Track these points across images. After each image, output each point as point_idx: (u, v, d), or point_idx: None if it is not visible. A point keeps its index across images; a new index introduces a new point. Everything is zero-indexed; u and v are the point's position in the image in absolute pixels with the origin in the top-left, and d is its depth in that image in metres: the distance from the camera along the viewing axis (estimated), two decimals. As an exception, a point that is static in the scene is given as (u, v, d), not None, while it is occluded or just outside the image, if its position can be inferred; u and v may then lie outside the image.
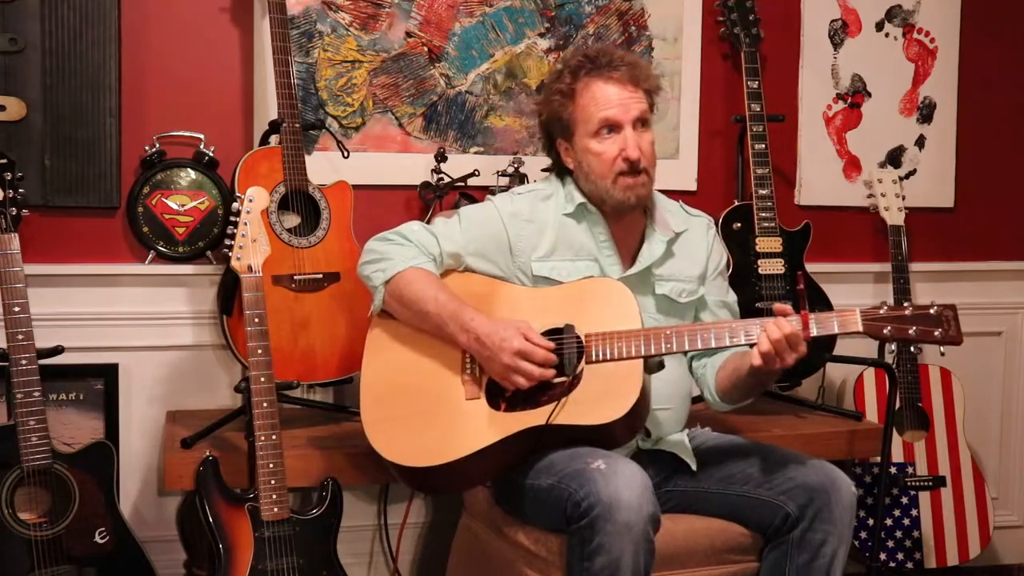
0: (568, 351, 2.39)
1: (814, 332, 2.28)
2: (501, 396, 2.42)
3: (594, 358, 2.38)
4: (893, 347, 3.44)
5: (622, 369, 2.35)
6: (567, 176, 2.62)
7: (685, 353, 2.58)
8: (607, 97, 2.50)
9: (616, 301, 2.43)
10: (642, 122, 2.52)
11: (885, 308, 2.27)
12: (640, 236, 2.61)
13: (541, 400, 2.38)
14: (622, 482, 2.20)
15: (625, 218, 2.58)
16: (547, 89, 2.63)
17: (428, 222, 2.70)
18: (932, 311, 2.25)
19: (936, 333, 2.24)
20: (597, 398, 2.34)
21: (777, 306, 2.32)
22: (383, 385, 2.51)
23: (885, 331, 2.25)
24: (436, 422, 2.43)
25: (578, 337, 2.40)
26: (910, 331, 2.24)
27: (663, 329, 2.37)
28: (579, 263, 2.55)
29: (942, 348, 3.18)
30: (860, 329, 2.27)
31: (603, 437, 2.34)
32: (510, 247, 2.55)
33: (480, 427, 2.39)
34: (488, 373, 2.43)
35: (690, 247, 2.65)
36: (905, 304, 2.28)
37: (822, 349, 3.21)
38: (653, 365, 2.38)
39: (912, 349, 3.45)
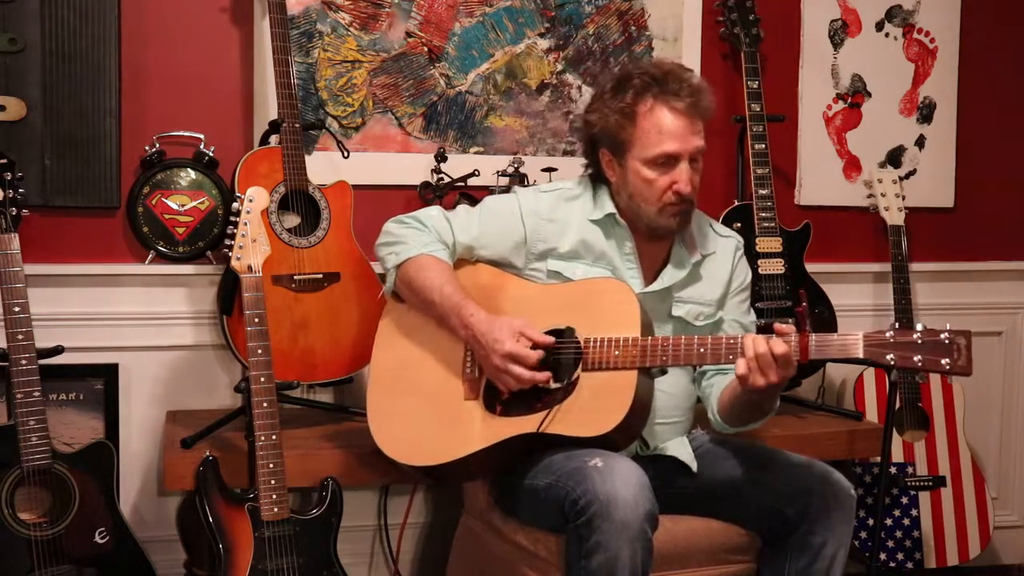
0: (565, 356, 2.38)
1: (813, 356, 2.19)
2: (497, 399, 2.42)
3: (591, 366, 2.36)
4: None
5: (616, 380, 2.33)
6: (602, 184, 2.58)
7: (695, 368, 2.57)
8: (670, 129, 2.42)
9: (619, 303, 2.40)
10: (697, 156, 2.47)
11: (892, 332, 2.14)
12: (666, 254, 2.57)
13: (536, 406, 2.37)
14: (619, 480, 2.20)
15: (656, 238, 2.54)
16: (604, 102, 2.50)
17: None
18: (943, 337, 2.09)
19: (943, 363, 2.08)
20: (588, 409, 2.33)
21: (778, 326, 2.23)
22: (389, 375, 2.53)
23: (888, 358, 2.12)
24: (432, 420, 2.44)
25: (577, 342, 2.39)
26: (915, 359, 2.10)
27: (660, 339, 2.34)
28: (595, 269, 2.52)
29: (950, 379, 3.16)
30: (861, 355, 2.16)
31: (595, 447, 2.32)
32: (525, 243, 2.53)
33: (473, 431, 2.40)
34: (485, 371, 2.43)
35: (714, 270, 2.60)
36: (918, 327, 2.12)
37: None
38: (656, 371, 2.36)
39: (918, 379, 3.43)
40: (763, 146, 3.27)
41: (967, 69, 3.73)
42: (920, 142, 3.71)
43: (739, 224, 3.23)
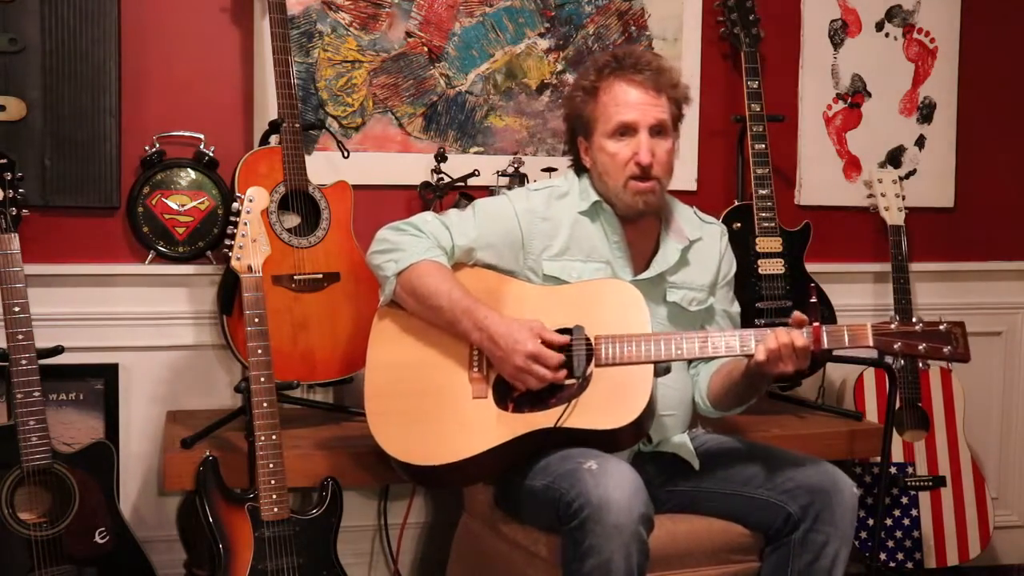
0: (577, 353, 2.38)
1: (825, 345, 2.29)
2: (508, 396, 2.42)
3: (603, 361, 2.37)
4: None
5: (632, 374, 2.34)
6: (584, 174, 2.61)
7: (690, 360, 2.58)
8: (627, 100, 2.49)
9: (626, 304, 2.41)
10: (659, 130, 2.50)
11: (896, 323, 2.28)
12: (655, 242, 2.59)
13: (549, 402, 2.37)
14: (612, 483, 2.20)
15: (639, 223, 2.56)
16: (572, 85, 2.62)
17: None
18: (942, 328, 2.27)
19: (945, 350, 2.26)
20: (606, 402, 2.33)
21: (796, 315, 2.31)
22: (388, 378, 2.50)
23: (896, 346, 2.27)
24: (441, 420, 2.42)
25: (587, 339, 2.39)
26: (920, 347, 2.26)
27: (672, 335, 2.36)
28: (590, 264, 2.53)
29: (950, 364, 3.20)
30: (871, 344, 2.28)
31: (610, 441, 2.33)
32: (523, 244, 2.54)
33: (487, 427, 2.38)
34: (499, 372, 2.42)
35: (703, 255, 2.63)
36: (915, 320, 2.29)
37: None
38: (660, 369, 2.37)
39: (922, 365, 3.45)
40: (763, 146, 3.27)
41: (967, 69, 3.73)
42: (920, 142, 3.71)
43: (739, 224, 3.23)
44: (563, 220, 2.55)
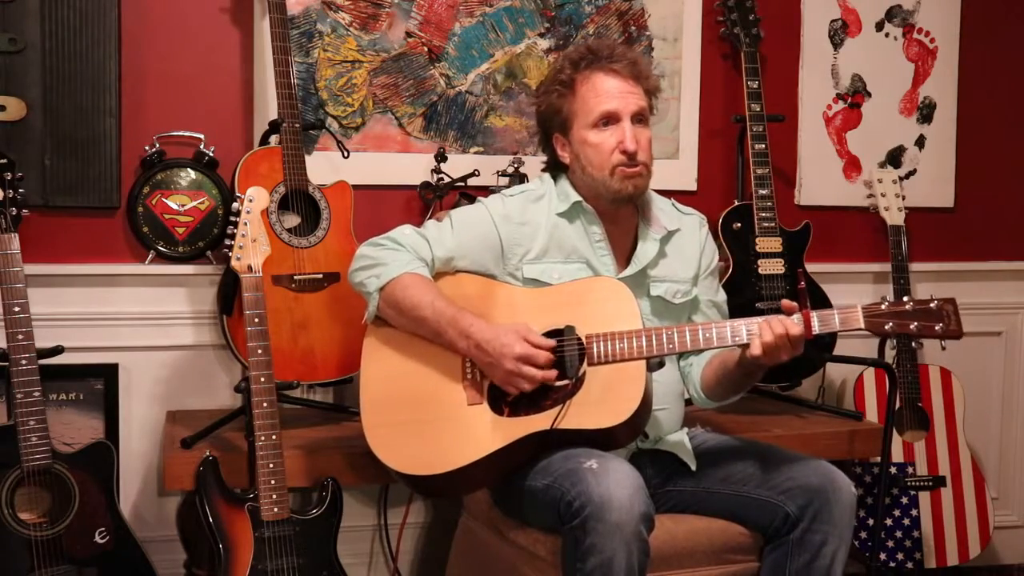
0: (569, 353, 2.38)
1: (816, 330, 2.29)
2: (503, 400, 2.41)
3: (596, 360, 2.37)
4: (894, 344, 3.44)
5: (625, 371, 2.34)
6: (561, 174, 2.61)
7: (682, 353, 2.58)
8: (607, 89, 2.50)
9: (616, 300, 2.42)
10: (640, 119, 2.51)
11: (886, 304, 2.28)
12: (633, 237, 2.60)
13: (544, 404, 2.37)
14: (613, 482, 2.20)
15: (619, 217, 2.57)
16: (547, 81, 2.62)
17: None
18: (932, 305, 2.26)
19: (937, 327, 2.25)
20: (601, 401, 2.33)
21: (785, 302, 2.32)
22: (383, 391, 2.49)
23: (887, 327, 2.26)
24: (438, 429, 2.42)
25: (579, 339, 2.39)
26: (911, 326, 2.26)
27: (663, 329, 2.37)
28: (570, 265, 2.53)
29: (943, 342, 3.21)
30: (862, 326, 2.28)
31: (607, 440, 2.34)
32: (502, 250, 2.54)
33: (484, 433, 2.38)
34: (490, 379, 2.42)
35: (683, 246, 2.64)
36: (905, 299, 2.28)
37: (822, 349, 3.21)
38: (654, 364, 2.37)
39: (913, 344, 3.45)
40: (763, 146, 3.27)
41: (967, 69, 3.73)
42: (920, 142, 3.71)
43: (739, 224, 3.23)
44: (540, 223, 2.55)
